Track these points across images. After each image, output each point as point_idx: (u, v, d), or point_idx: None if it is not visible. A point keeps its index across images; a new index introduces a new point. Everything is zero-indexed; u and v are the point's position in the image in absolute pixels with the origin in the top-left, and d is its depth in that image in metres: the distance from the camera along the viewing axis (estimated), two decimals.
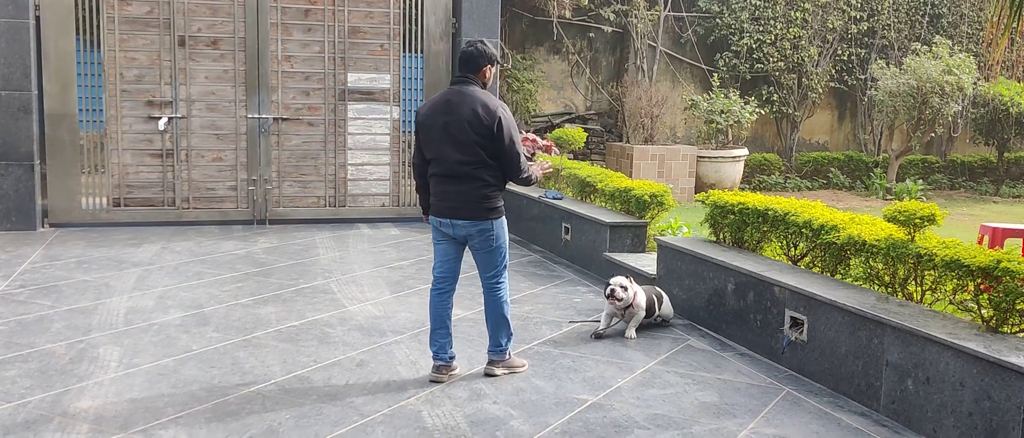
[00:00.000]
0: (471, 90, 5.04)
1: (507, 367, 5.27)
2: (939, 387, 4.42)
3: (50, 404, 4.61)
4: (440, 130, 5.00)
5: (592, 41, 14.72)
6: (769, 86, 15.20)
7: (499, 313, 5.21)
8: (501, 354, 5.28)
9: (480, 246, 5.11)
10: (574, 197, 9.45)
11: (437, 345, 5.17)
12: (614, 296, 5.98)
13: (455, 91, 5.07)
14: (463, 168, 4.97)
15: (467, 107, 4.95)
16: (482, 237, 5.06)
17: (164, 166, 10.08)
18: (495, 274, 5.18)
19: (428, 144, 5.09)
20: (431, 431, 4.39)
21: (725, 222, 6.73)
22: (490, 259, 5.15)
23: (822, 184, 15.49)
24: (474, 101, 4.97)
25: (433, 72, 10.81)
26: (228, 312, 6.46)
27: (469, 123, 4.92)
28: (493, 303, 5.20)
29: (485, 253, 5.13)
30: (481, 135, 4.93)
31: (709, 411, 4.77)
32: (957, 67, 13.91)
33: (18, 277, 7.40)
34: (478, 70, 5.12)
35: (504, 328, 5.24)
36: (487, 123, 4.92)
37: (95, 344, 5.65)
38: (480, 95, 5.02)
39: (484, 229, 5.04)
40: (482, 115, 4.93)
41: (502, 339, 5.26)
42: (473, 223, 5.02)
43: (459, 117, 4.94)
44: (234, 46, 10.11)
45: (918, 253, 5.07)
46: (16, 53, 9.34)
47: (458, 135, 4.95)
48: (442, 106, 5.04)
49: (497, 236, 5.10)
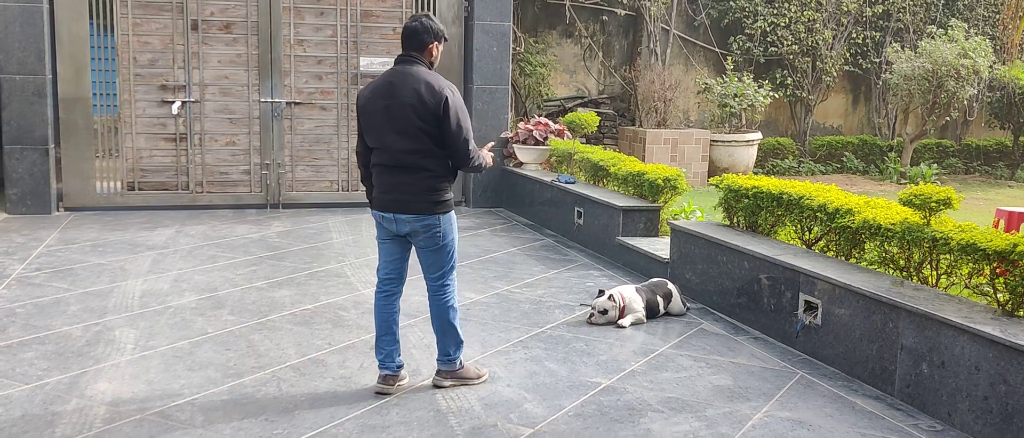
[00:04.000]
0: (415, 70, 4.55)
1: (458, 378, 4.79)
2: (954, 371, 4.41)
3: (67, 386, 4.64)
4: (381, 115, 4.55)
5: (605, 24, 14.66)
6: (783, 69, 15.12)
7: (445, 319, 4.75)
8: (451, 364, 4.81)
9: (426, 243, 4.64)
10: (587, 181, 9.44)
11: (383, 353, 4.72)
12: (591, 322, 5.94)
13: (397, 72, 4.59)
14: (407, 157, 4.53)
15: (409, 89, 4.49)
16: (428, 234, 4.60)
17: (178, 150, 10.11)
18: (441, 276, 4.72)
19: (369, 131, 4.63)
20: (445, 413, 4.41)
21: (739, 206, 6.71)
22: (436, 258, 4.68)
23: (836, 168, 15.41)
24: (417, 82, 4.50)
25: (445, 56, 10.78)
26: (243, 295, 6.49)
27: (412, 107, 4.47)
28: (438, 308, 4.74)
29: (431, 251, 4.66)
30: (425, 121, 4.48)
31: (723, 394, 4.77)
32: (973, 50, 13.80)
33: (34, 260, 7.45)
34: (423, 47, 4.63)
35: (452, 335, 4.77)
36: (432, 107, 4.46)
37: (111, 326, 5.68)
38: (424, 75, 4.54)
39: (430, 224, 4.58)
40: (426, 97, 4.46)
41: (450, 348, 4.79)
42: (418, 218, 4.57)
43: (401, 101, 4.49)
44: (247, 30, 10.11)
45: (934, 237, 5.05)
46: (30, 37, 9.37)
47: (401, 121, 4.50)
48: (383, 89, 4.57)
49: (445, 233, 4.64)
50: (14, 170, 9.50)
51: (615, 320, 5.94)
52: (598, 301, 5.98)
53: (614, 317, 5.93)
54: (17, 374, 4.79)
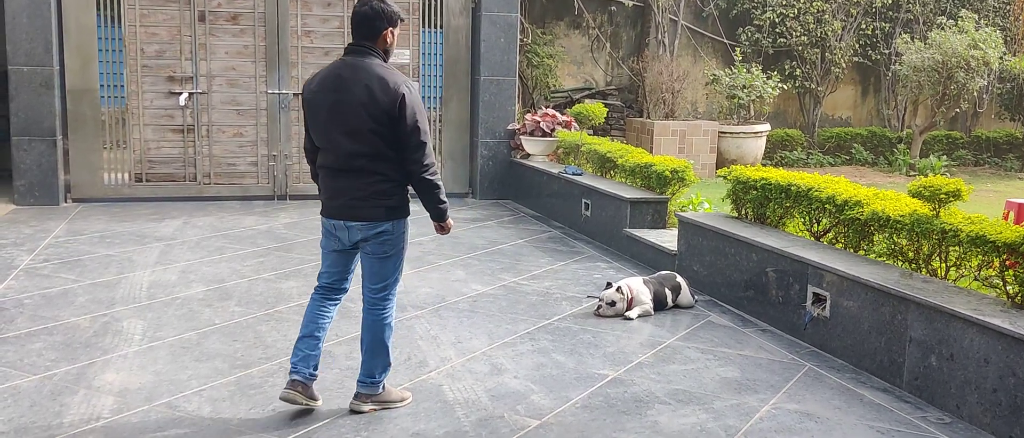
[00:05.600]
0: (367, 63, 4.08)
1: (379, 402, 4.31)
2: (963, 363, 4.39)
3: (75, 376, 4.65)
4: (328, 112, 4.08)
5: (613, 15, 14.61)
6: (792, 61, 15.05)
7: (379, 337, 4.26)
8: (373, 387, 4.28)
9: (373, 251, 4.18)
10: (594, 173, 9.42)
11: (299, 355, 4.21)
12: (599, 314, 5.94)
13: (347, 64, 4.10)
14: (357, 160, 4.06)
15: (361, 85, 4.01)
16: (377, 240, 4.15)
17: (185, 142, 10.12)
18: (384, 287, 4.24)
19: (315, 128, 4.17)
20: (452, 405, 4.41)
21: (747, 198, 6.68)
22: (381, 268, 4.20)
23: (845, 160, 15.36)
24: (369, 76, 4.03)
25: (453, 47, 10.77)
26: (250, 287, 6.50)
27: (363, 105, 4.00)
28: (373, 324, 4.25)
29: (377, 260, 4.19)
30: (378, 121, 4.01)
31: (730, 386, 4.76)
32: (983, 41, 13.71)
33: (42, 251, 7.46)
34: (376, 35, 4.13)
35: (381, 355, 4.28)
36: (385, 105, 4.00)
37: (119, 317, 5.69)
38: (378, 69, 4.07)
39: (381, 231, 4.14)
40: (379, 95, 4.00)
41: (376, 370, 4.28)
42: (371, 225, 4.12)
43: (351, 97, 4.02)
44: (254, 21, 10.11)
45: (943, 229, 5.02)
46: (38, 28, 9.37)
47: (350, 119, 4.03)
48: (332, 82, 4.09)
49: (395, 241, 4.19)
50: (22, 161, 9.52)
51: (623, 312, 5.93)
52: (606, 293, 5.97)
53: (622, 309, 5.92)
54: (25, 365, 4.80)
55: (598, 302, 6.01)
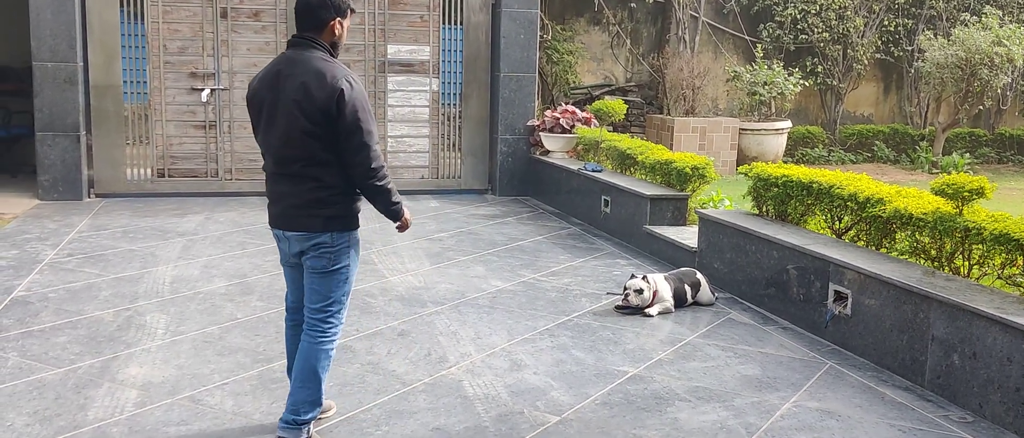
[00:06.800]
0: (307, 56, 3.67)
1: None
2: (986, 362, 4.36)
3: (99, 370, 4.70)
4: (265, 112, 3.71)
5: (633, 12, 14.58)
6: (813, 57, 14.96)
7: (311, 365, 3.76)
8: (296, 432, 3.76)
9: (312, 265, 3.75)
10: (614, 169, 9.41)
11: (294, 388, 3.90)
12: (627, 303, 5.91)
13: (287, 59, 3.71)
14: (292, 165, 3.69)
15: (296, 81, 3.61)
16: (315, 253, 3.72)
17: (207, 138, 10.18)
18: (325, 306, 3.78)
19: (256, 130, 3.82)
20: (472, 400, 4.42)
21: (768, 195, 6.66)
22: (321, 285, 3.76)
23: (866, 157, 15.25)
24: (306, 71, 3.61)
25: (473, 44, 10.78)
26: (272, 282, 6.53)
27: (296, 103, 3.59)
28: (309, 349, 3.77)
29: (316, 275, 3.75)
30: (313, 120, 3.59)
31: (751, 384, 4.75)
32: (1007, 38, 13.58)
33: (66, 246, 7.54)
34: (321, 26, 3.72)
35: (311, 387, 3.77)
36: (320, 102, 3.57)
37: (142, 312, 5.74)
38: (317, 63, 3.64)
39: (319, 244, 3.71)
40: (314, 91, 3.57)
41: (303, 406, 3.76)
42: (305, 236, 3.72)
43: (285, 96, 3.62)
44: (275, 18, 10.15)
45: (966, 227, 4.99)
46: (62, 25, 9.46)
47: (284, 120, 3.64)
48: (270, 79, 3.71)
49: (336, 255, 3.74)
50: (46, 157, 9.61)
51: (648, 302, 5.92)
52: (632, 282, 5.96)
53: (648, 299, 5.91)
54: (50, 358, 4.85)
55: (624, 291, 5.99)
